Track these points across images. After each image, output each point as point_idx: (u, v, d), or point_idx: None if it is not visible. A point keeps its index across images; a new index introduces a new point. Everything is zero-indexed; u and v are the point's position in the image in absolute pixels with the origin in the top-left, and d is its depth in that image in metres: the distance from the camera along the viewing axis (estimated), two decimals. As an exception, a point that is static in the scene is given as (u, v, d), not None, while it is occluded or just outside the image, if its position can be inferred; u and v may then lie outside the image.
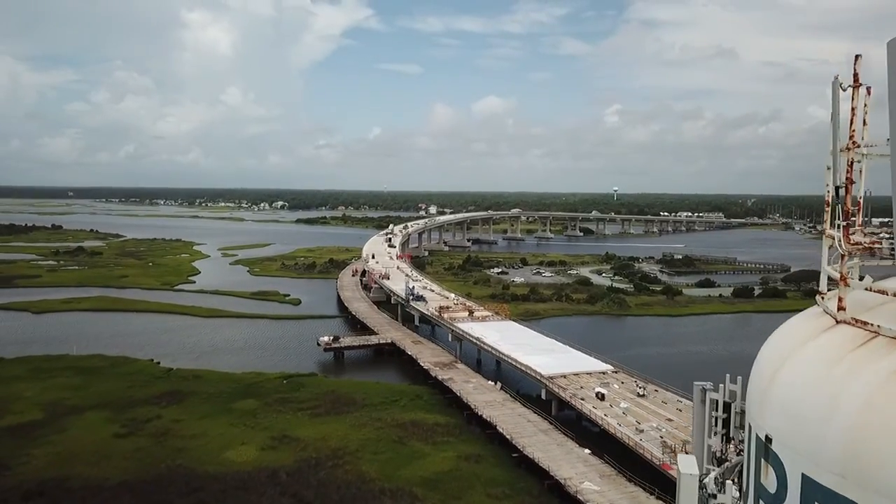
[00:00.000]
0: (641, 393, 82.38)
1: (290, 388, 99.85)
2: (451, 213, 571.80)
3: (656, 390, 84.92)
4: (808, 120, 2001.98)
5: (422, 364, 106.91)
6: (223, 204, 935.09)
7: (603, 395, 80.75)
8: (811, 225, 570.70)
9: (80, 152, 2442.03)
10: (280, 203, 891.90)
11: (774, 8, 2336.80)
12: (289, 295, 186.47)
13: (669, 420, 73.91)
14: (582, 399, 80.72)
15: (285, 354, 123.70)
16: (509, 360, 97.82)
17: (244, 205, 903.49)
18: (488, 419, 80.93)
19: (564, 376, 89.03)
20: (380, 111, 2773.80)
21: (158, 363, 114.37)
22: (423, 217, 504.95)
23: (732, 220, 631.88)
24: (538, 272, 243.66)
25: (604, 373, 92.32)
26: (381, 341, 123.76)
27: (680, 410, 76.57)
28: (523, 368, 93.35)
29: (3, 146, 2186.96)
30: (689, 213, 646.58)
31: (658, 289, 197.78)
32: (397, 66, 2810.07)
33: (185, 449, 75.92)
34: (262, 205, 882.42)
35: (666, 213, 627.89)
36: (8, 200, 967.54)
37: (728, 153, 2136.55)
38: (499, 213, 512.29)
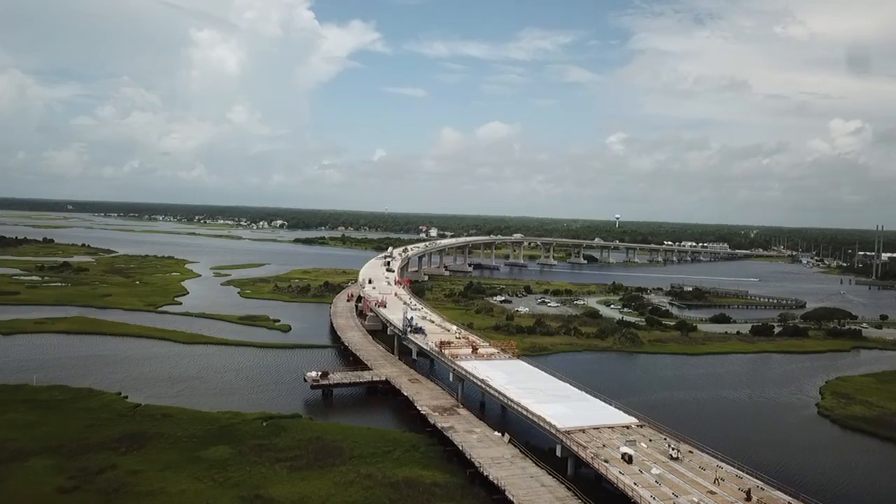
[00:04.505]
0: (675, 455, 70.56)
1: (270, 431, 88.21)
2: (451, 236, 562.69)
3: (691, 451, 73.14)
4: (812, 153, 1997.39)
5: (419, 408, 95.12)
6: (222, 221, 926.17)
7: (630, 458, 68.98)
8: (818, 258, 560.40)
9: (86, 166, 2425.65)
10: (279, 222, 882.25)
11: (776, 42, 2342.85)
12: (279, 320, 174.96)
13: (711, 493, 62.09)
14: (605, 461, 68.90)
15: (268, 390, 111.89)
16: (519, 409, 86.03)
17: (243, 223, 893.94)
18: (495, 482, 69.15)
19: (583, 430, 77.25)
20: (385, 133, 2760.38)
21: (126, 397, 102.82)
22: (424, 240, 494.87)
23: (738, 251, 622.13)
24: (543, 301, 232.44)
25: (627, 426, 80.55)
26: (374, 378, 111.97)
27: (723, 480, 64.75)
28: (535, 419, 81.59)
29: (10, 158, 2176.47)
30: (694, 244, 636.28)
31: (671, 323, 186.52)
32: (403, 90, 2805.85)
33: (138, 511, 64.15)
34: (260, 223, 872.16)
35: (670, 243, 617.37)
36: (7, 212, 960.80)
37: (731, 183, 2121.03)
38: (501, 237, 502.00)
